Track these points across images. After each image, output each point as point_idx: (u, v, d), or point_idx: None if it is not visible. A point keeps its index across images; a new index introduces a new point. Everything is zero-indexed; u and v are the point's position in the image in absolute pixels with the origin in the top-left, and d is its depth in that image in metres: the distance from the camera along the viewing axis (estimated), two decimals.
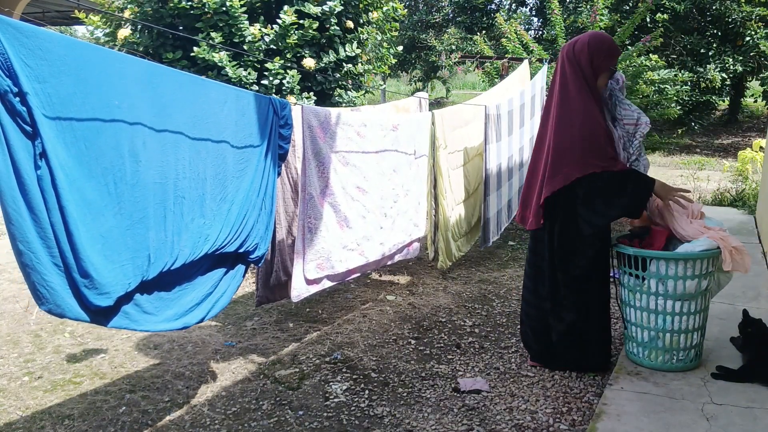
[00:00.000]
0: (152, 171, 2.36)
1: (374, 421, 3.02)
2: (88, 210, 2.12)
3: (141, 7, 5.22)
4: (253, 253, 2.99)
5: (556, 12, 7.19)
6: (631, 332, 3.37)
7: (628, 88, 6.65)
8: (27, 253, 1.99)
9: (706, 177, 9.67)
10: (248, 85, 5.06)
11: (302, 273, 3.57)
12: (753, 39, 12.49)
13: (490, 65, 7.71)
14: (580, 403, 3.14)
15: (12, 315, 4.48)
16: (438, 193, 4.79)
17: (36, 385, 3.43)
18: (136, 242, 2.31)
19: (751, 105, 16.91)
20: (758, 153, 8.45)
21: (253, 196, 2.91)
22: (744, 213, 6.87)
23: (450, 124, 4.89)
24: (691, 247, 3.14)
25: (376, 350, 3.83)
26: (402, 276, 5.28)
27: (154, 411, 3.14)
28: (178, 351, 3.85)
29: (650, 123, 3.38)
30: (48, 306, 2.07)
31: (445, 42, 16.26)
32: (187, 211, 2.53)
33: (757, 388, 3.03)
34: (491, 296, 4.77)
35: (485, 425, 2.96)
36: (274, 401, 3.22)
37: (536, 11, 16.39)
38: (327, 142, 3.60)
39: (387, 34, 6.24)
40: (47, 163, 1.98)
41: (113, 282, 2.21)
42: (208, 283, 2.77)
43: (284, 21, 5.08)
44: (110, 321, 2.30)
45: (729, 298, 4.18)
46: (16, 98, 1.91)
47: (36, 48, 1.93)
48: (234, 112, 2.76)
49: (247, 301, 4.69)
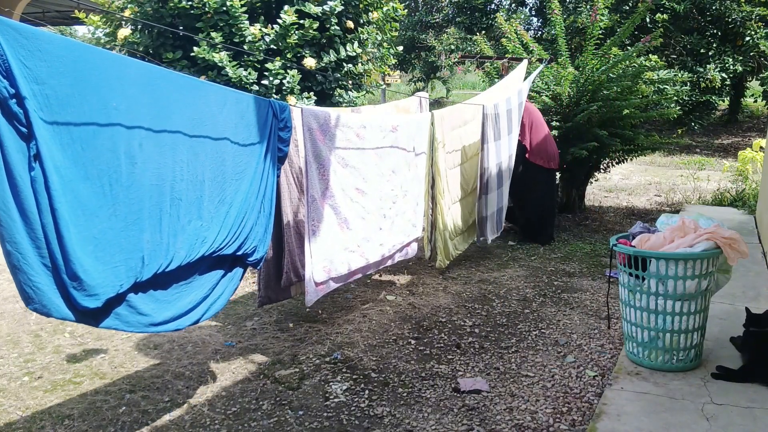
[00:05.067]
0: (149, 173, 2.36)
1: (374, 421, 3.02)
2: (82, 212, 2.13)
3: (141, 7, 5.22)
4: (252, 255, 2.98)
5: (556, 12, 7.17)
6: (631, 332, 3.37)
7: (628, 88, 6.63)
8: (14, 254, 2.00)
9: (706, 177, 9.67)
10: (248, 85, 5.06)
11: (311, 277, 3.57)
12: (753, 39, 12.48)
13: (490, 65, 7.69)
14: (580, 403, 3.14)
15: (12, 315, 4.48)
16: (436, 193, 4.79)
17: (36, 385, 3.43)
18: (130, 244, 2.31)
19: (751, 105, 16.91)
20: (758, 153, 8.44)
21: (251, 198, 2.91)
22: (744, 213, 6.86)
23: (449, 124, 4.89)
24: (691, 247, 3.15)
25: (376, 350, 3.82)
26: (402, 276, 5.28)
27: (154, 411, 3.14)
28: (178, 351, 3.85)
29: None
30: (34, 305, 2.08)
31: (444, 42, 16.27)
32: (183, 213, 2.53)
33: (757, 388, 3.03)
34: (491, 296, 4.77)
35: (485, 425, 2.96)
36: (274, 401, 3.22)
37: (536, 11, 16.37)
38: (327, 143, 3.60)
39: (387, 34, 6.24)
40: (41, 165, 1.99)
41: (103, 284, 2.21)
42: (205, 286, 2.76)
43: (284, 21, 5.08)
44: (101, 322, 2.30)
45: (729, 298, 4.18)
46: (13, 100, 1.91)
47: (34, 49, 1.93)
48: (233, 115, 2.76)
49: (247, 301, 4.69)
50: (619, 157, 7.41)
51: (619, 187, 9.49)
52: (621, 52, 7.06)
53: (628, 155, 7.40)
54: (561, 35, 7.02)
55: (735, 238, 3.14)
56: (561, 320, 4.26)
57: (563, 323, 4.21)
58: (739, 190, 7.82)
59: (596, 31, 6.98)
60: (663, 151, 11.97)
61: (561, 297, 4.73)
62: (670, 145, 8.47)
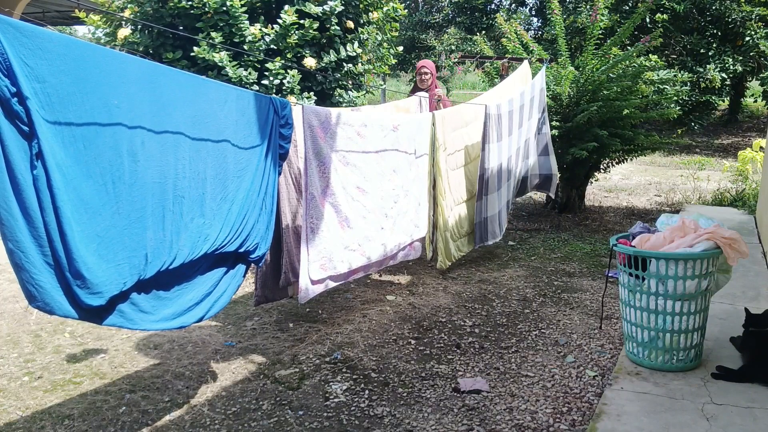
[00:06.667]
0: (151, 171, 2.36)
1: (374, 421, 3.02)
2: (85, 210, 2.13)
3: (141, 7, 5.22)
4: (254, 252, 2.98)
5: (556, 12, 7.18)
6: (631, 332, 3.37)
7: (628, 88, 6.64)
8: (17, 252, 2.00)
9: (706, 177, 9.67)
10: (248, 85, 5.06)
11: (307, 274, 3.57)
12: (753, 39, 12.50)
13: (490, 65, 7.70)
14: (580, 403, 3.14)
15: (12, 315, 4.48)
16: (437, 194, 4.79)
17: (36, 385, 3.43)
18: (134, 242, 2.31)
19: (751, 105, 16.92)
20: (758, 153, 8.45)
21: (253, 195, 2.91)
22: (744, 213, 6.87)
23: (450, 124, 4.89)
24: (691, 247, 3.15)
25: (376, 350, 3.82)
26: (402, 276, 5.28)
27: (154, 411, 3.14)
28: (178, 351, 3.85)
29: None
30: (37, 304, 2.08)
31: (445, 42, 16.28)
32: (186, 210, 2.53)
33: (757, 388, 3.03)
34: (491, 296, 4.77)
35: (485, 425, 2.96)
36: (274, 401, 3.22)
37: (536, 11, 16.39)
38: (327, 142, 3.60)
39: (387, 34, 6.24)
40: (43, 163, 1.99)
41: (107, 281, 2.21)
42: (207, 283, 2.76)
43: (285, 21, 5.08)
44: (104, 319, 2.30)
45: (729, 298, 4.18)
46: (14, 98, 1.91)
47: (36, 48, 1.93)
48: (234, 112, 2.76)
49: (247, 301, 4.69)
50: (619, 157, 7.41)
51: (619, 187, 9.49)
52: (621, 52, 7.06)
53: (628, 155, 7.40)
54: (561, 35, 7.02)
55: (735, 238, 3.14)
56: (561, 320, 4.26)
57: (563, 323, 4.21)
58: (739, 190, 7.83)
59: (596, 31, 6.99)
60: (663, 151, 11.97)
61: (561, 297, 4.73)
62: (670, 145, 8.48)
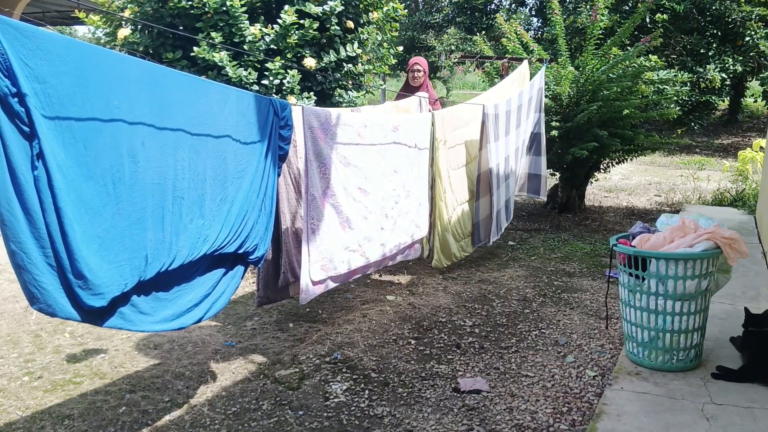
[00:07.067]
0: (151, 171, 2.36)
1: (374, 421, 3.02)
2: (86, 210, 2.12)
3: (141, 7, 5.22)
4: (253, 253, 2.98)
5: (556, 12, 7.18)
6: (631, 332, 3.37)
7: (628, 88, 6.64)
8: (19, 253, 1.99)
9: (706, 177, 9.67)
10: (248, 85, 5.06)
11: (308, 275, 3.57)
12: (753, 39, 12.50)
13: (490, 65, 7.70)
14: (580, 403, 3.14)
15: (12, 315, 4.48)
16: (435, 194, 4.79)
17: (36, 385, 3.43)
18: (134, 243, 2.31)
19: (751, 105, 16.93)
20: (758, 153, 8.45)
21: (253, 196, 2.91)
22: (744, 213, 6.87)
23: (451, 124, 4.89)
24: (691, 247, 3.15)
25: (376, 350, 3.82)
26: (402, 276, 5.28)
27: (154, 411, 3.14)
28: (178, 351, 3.85)
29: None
30: (39, 305, 2.07)
31: (445, 42, 16.28)
32: (186, 211, 2.53)
33: (757, 388, 3.03)
34: (491, 296, 4.77)
35: (485, 425, 2.96)
36: (274, 401, 3.22)
37: (536, 11, 16.39)
38: (328, 142, 3.60)
39: (387, 34, 6.24)
40: (44, 163, 1.99)
41: (108, 283, 2.21)
42: (206, 284, 2.76)
43: (285, 21, 5.08)
44: (105, 321, 2.29)
45: (729, 298, 4.18)
46: (15, 99, 1.91)
47: (36, 48, 1.93)
48: (234, 113, 2.76)
49: (247, 301, 4.69)
50: (619, 157, 7.41)
51: (619, 187, 9.49)
52: (621, 52, 7.06)
53: (628, 155, 7.40)
54: (561, 35, 7.02)
55: (735, 238, 3.14)
56: (561, 320, 4.26)
57: (563, 323, 4.21)
58: (739, 190, 7.83)
59: (596, 31, 6.99)
60: (663, 151, 11.97)
61: (561, 297, 4.73)
62: (670, 145, 8.48)
